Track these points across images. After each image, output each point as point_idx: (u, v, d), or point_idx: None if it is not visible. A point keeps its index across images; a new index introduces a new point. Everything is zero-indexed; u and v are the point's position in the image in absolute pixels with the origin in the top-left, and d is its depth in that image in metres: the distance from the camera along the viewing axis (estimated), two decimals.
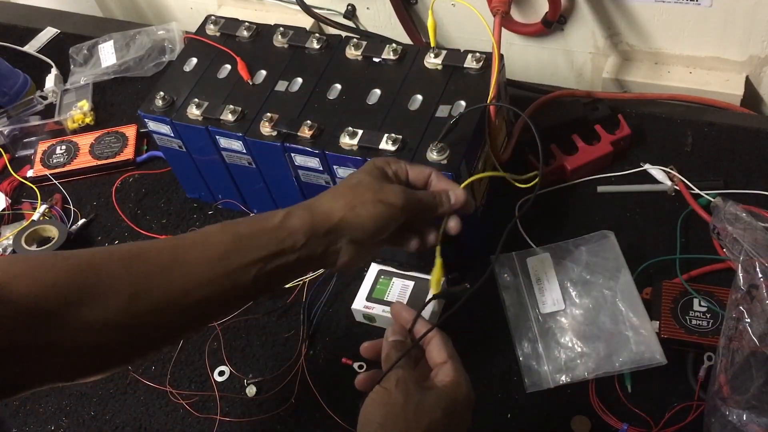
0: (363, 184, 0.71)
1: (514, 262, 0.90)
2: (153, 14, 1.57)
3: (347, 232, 0.69)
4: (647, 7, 1.06)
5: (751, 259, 0.76)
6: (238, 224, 0.69)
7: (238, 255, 0.66)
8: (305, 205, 0.70)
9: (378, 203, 0.69)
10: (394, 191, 0.71)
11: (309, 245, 0.68)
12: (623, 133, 0.99)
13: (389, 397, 0.63)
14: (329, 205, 0.70)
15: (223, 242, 0.67)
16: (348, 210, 0.69)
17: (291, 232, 0.68)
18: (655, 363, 0.78)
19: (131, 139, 1.16)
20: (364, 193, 0.70)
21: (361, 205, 0.69)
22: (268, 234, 0.67)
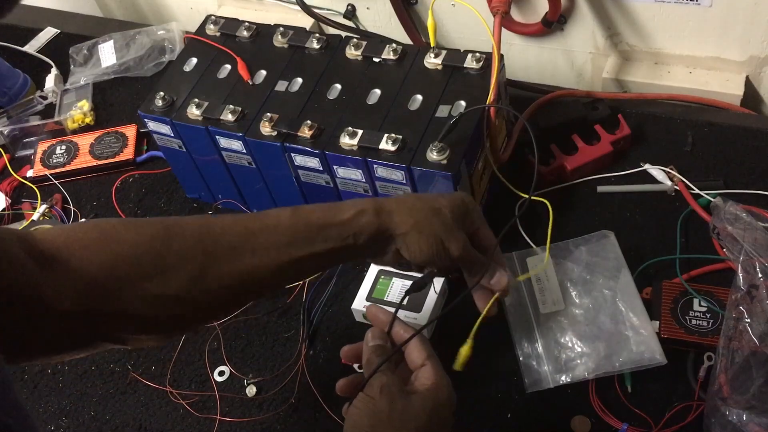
0: (440, 217, 0.71)
1: (514, 262, 0.90)
2: (153, 14, 1.57)
3: (401, 247, 0.71)
4: (647, 7, 1.06)
5: (751, 259, 0.76)
6: (309, 212, 0.70)
7: (306, 244, 0.68)
8: (379, 207, 0.70)
9: (440, 242, 0.70)
10: (458, 242, 0.71)
11: (367, 245, 0.70)
12: (623, 133, 0.99)
13: (374, 405, 0.63)
14: (397, 218, 0.70)
15: (293, 229, 0.68)
16: (413, 230, 0.70)
17: (358, 231, 0.69)
18: (655, 363, 0.78)
19: (131, 139, 1.16)
20: (436, 226, 0.70)
21: (426, 236, 0.70)
22: (337, 228, 0.69)
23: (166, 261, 0.63)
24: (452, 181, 0.81)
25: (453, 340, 0.83)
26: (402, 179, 0.84)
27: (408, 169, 0.82)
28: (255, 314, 0.94)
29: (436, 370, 0.67)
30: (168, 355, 0.92)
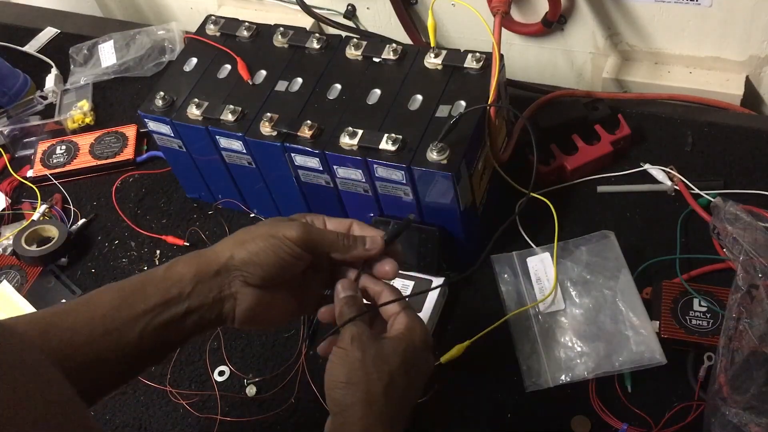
0: (258, 225, 0.67)
1: (514, 262, 0.90)
2: (153, 14, 1.57)
3: (239, 271, 0.64)
4: (647, 7, 1.06)
5: (751, 259, 0.76)
6: (124, 281, 0.65)
7: (120, 310, 0.62)
8: (193, 252, 0.66)
9: (269, 237, 0.64)
10: (289, 225, 0.65)
11: (198, 291, 0.63)
12: (623, 133, 0.99)
13: (347, 355, 0.62)
14: (217, 247, 0.66)
15: (106, 300, 0.62)
16: (237, 246, 0.64)
17: (177, 279, 0.63)
18: (655, 363, 0.78)
19: (131, 139, 1.16)
20: (257, 229, 0.66)
21: (251, 240, 0.65)
22: (153, 284, 0.63)
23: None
24: (452, 181, 0.81)
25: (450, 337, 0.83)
26: (402, 179, 0.84)
27: (408, 169, 0.82)
28: None
29: (409, 314, 0.66)
30: (169, 355, 0.92)
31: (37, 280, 1.03)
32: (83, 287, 1.02)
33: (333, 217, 0.71)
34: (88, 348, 0.60)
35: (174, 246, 1.03)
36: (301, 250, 0.65)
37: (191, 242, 1.03)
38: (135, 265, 1.03)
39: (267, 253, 0.64)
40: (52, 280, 1.03)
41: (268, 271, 0.65)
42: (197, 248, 1.01)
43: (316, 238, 0.67)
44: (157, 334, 0.62)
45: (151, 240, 1.05)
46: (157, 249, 1.04)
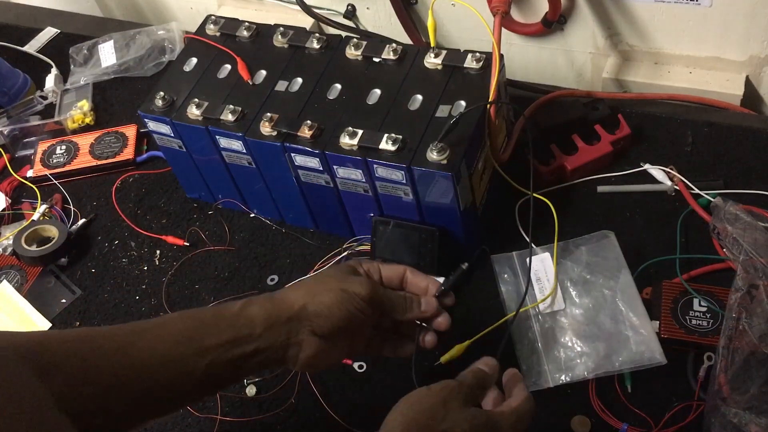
0: (328, 275, 0.71)
1: (514, 262, 0.90)
2: (153, 14, 1.57)
3: (309, 321, 0.68)
4: (647, 7, 1.06)
5: (751, 259, 0.76)
6: (197, 311, 0.69)
7: (193, 340, 0.64)
8: (267, 295, 0.70)
9: (340, 291, 0.68)
10: (359, 281, 0.69)
11: (268, 334, 0.66)
12: (623, 133, 0.99)
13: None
14: (290, 294, 0.68)
15: (180, 327, 0.65)
16: (309, 297, 0.68)
17: (249, 319, 0.66)
18: (655, 363, 0.78)
19: (131, 139, 1.16)
20: (328, 281, 0.69)
21: (323, 292, 0.68)
22: (226, 321, 0.66)
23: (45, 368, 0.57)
24: (452, 181, 0.81)
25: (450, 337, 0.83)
26: (402, 179, 0.84)
27: (408, 169, 0.82)
28: None
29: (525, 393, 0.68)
30: None
31: (37, 280, 1.03)
32: (83, 287, 1.02)
33: (387, 264, 0.75)
34: (159, 370, 0.63)
35: (174, 246, 1.03)
36: (369, 307, 0.69)
37: (191, 242, 1.03)
38: (135, 265, 1.03)
39: (338, 307, 0.68)
40: (52, 280, 1.03)
41: (336, 324, 0.68)
42: (197, 248, 1.02)
43: (381, 298, 0.71)
44: (224, 367, 0.65)
45: (151, 240, 1.05)
46: (157, 249, 1.04)
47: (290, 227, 1.02)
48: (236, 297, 0.95)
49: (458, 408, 0.63)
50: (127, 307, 0.99)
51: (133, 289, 1.00)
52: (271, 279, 0.97)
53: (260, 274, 0.98)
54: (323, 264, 0.95)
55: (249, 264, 1.00)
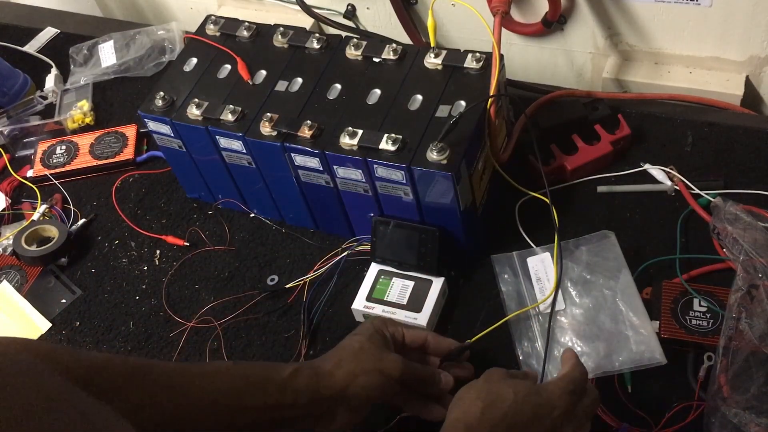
0: (365, 351, 0.74)
1: (515, 262, 0.90)
2: (153, 14, 1.57)
3: (348, 401, 0.73)
4: (647, 7, 1.06)
5: (751, 259, 0.76)
6: (247, 367, 0.74)
7: (243, 396, 0.69)
8: (313, 366, 0.74)
9: (379, 374, 0.73)
10: (393, 362, 0.74)
11: (310, 406, 0.71)
12: (623, 133, 0.99)
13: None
14: (335, 372, 0.73)
15: (228, 384, 0.70)
16: (351, 379, 0.72)
17: (295, 390, 0.71)
18: (655, 363, 0.78)
19: (131, 139, 1.16)
20: (366, 361, 0.73)
21: (363, 374, 0.73)
22: (274, 385, 0.71)
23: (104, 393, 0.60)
24: (452, 181, 0.81)
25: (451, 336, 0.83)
26: (402, 179, 0.84)
27: (408, 169, 0.82)
28: (255, 314, 0.94)
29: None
30: (168, 355, 0.92)
31: (37, 280, 1.03)
32: (83, 287, 1.02)
33: (409, 329, 0.80)
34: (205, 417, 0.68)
35: (174, 246, 1.03)
36: (399, 386, 0.75)
37: (191, 242, 1.03)
38: (135, 265, 1.03)
39: (376, 390, 0.73)
40: (52, 280, 1.03)
41: (371, 402, 0.75)
42: (197, 248, 1.02)
43: (412, 376, 0.75)
44: (263, 426, 0.71)
45: (151, 240, 1.05)
46: (157, 249, 1.04)
47: (290, 227, 1.02)
48: (236, 297, 0.95)
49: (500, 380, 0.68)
50: (127, 307, 0.99)
51: (133, 289, 1.00)
52: (271, 279, 0.97)
53: (260, 274, 0.98)
54: (323, 264, 0.96)
55: (249, 264, 1.00)
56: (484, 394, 0.67)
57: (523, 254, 0.90)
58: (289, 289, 0.95)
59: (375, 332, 0.77)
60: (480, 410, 0.65)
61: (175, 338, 0.94)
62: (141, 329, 0.96)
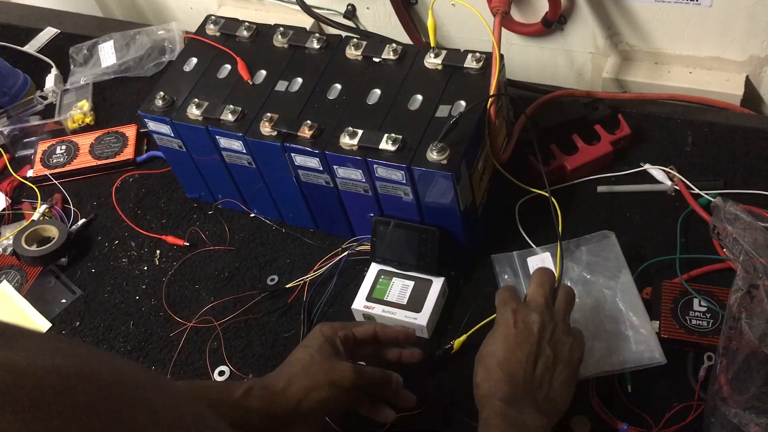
0: (315, 365, 0.74)
1: (515, 262, 0.90)
2: (153, 14, 1.57)
3: (303, 417, 0.73)
4: (647, 7, 1.06)
5: (751, 259, 0.76)
6: (202, 387, 0.75)
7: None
8: (265, 385, 0.73)
9: (330, 386, 0.73)
10: (344, 372, 0.74)
11: (264, 426, 0.71)
12: (623, 133, 0.99)
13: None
14: (287, 390, 0.73)
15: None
16: (304, 395, 0.72)
17: (248, 410, 0.71)
18: (655, 362, 0.78)
19: (131, 139, 1.16)
20: (317, 374, 0.73)
21: (315, 389, 0.73)
22: (227, 406, 0.70)
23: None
24: (452, 181, 0.81)
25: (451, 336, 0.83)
26: (402, 179, 0.84)
27: (408, 169, 0.82)
28: (255, 314, 0.94)
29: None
30: (168, 355, 0.92)
31: (37, 280, 1.03)
32: (83, 287, 1.02)
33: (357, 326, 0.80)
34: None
35: (174, 246, 1.03)
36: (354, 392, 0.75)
37: (191, 242, 1.03)
38: (135, 265, 1.03)
39: (330, 403, 0.74)
40: (52, 280, 1.03)
41: (326, 414, 0.76)
42: (197, 248, 1.02)
43: (365, 381, 0.76)
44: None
45: (151, 240, 1.05)
46: (157, 249, 1.04)
47: (290, 227, 1.02)
48: (236, 297, 0.96)
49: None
50: (127, 307, 0.99)
51: (133, 289, 1.00)
52: (271, 279, 0.97)
53: (260, 274, 0.98)
54: (323, 264, 0.96)
55: (249, 264, 1.00)
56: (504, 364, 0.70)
57: (523, 254, 0.90)
58: (289, 289, 0.95)
59: (324, 341, 0.76)
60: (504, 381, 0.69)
61: (175, 338, 0.94)
62: (141, 329, 0.96)
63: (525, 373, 0.70)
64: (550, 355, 0.71)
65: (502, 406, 0.68)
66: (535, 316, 0.73)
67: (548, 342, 0.72)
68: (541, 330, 0.72)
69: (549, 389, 0.71)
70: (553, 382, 0.71)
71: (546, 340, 0.72)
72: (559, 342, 0.72)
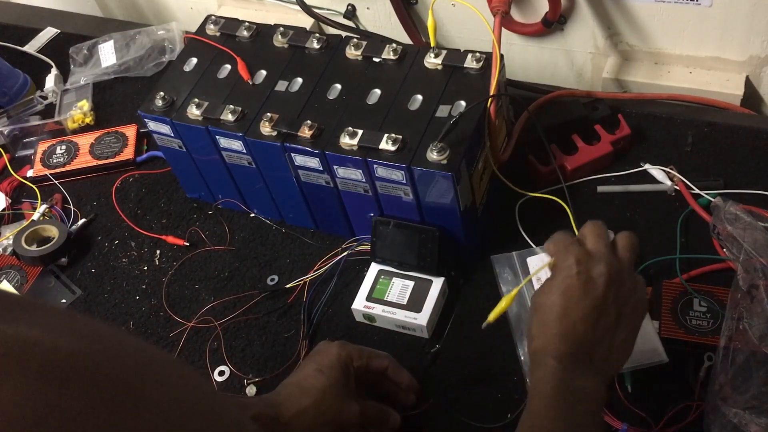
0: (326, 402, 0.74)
1: (515, 262, 0.90)
2: (153, 14, 1.57)
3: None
4: (647, 7, 1.06)
5: (751, 259, 0.76)
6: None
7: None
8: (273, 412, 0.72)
9: (335, 427, 0.74)
10: (352, 415, 0.74)
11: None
12: (623, 133, 0.99)
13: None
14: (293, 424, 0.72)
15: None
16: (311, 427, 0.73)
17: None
18: (657, 361, 0.78)
19: (131, 139, 1.16)
20: (327, 413, 0.73)
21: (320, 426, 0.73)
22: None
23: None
24: (452, 181, 0.81)
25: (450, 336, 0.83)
26: (402, 179, 0.84)
27: (408, 169, 0.82)
28: (255, 314, 0.94)
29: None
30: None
31: (37, 280, 1.03)
32: (83, 287, 1.02)
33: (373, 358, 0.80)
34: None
35: (174, 246, 1.03)
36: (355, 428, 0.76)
37: (191, 242, 1.03)
38: (135, 265, 1.03)
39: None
40: (52, 280, 1.03)
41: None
42: (197, 248, 1.02)
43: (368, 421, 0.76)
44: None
45: (151, 240, 1.05)
46: (157, 249, 1.04)
47: (290, 227, 1.02)
48: (236, 297, 0.96)
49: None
50: (127, 307, 0.99)
51: (133, 289, 1.00)
52: (271, 279, 0.97)
53: (260, 274, 0.98)
54: (323, 264, 0.95)
55: (249, 264, 1.00)
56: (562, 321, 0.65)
57: (523, 254, 0.90)
58: (289, 289, 0.95)
59: (340, 372, 0.76)
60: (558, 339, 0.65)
61: (175, 338, 0.94)
62: (141, 329, 0.96)
63: (585, 331, 0.64)
64: (614, 312, 0.65)
65: (556, 366, 0.63)
66: (602, 267, 0.65)
67: (614, 298, 0.65)
68: (607, 284, 0.65)
69: (609, 349, 0.66)
70: (614, 340, 0.66)
71: (612, 295, 0.65)
72: (624, 298, 0.66)
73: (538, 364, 0.65)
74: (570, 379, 0.63)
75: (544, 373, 0.64)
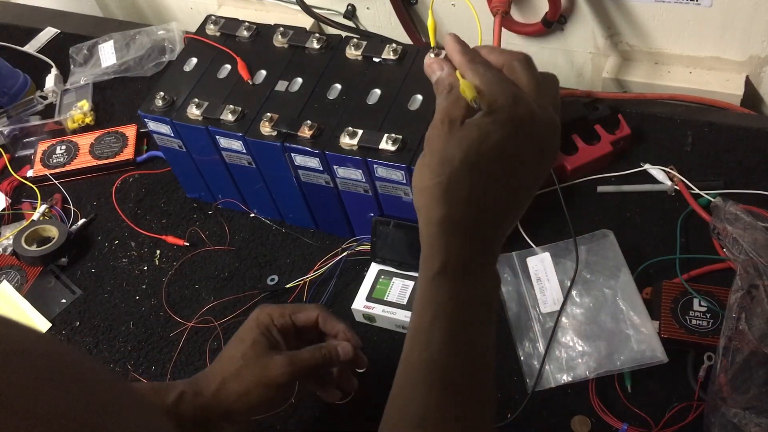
0: (248, 366, 0.71)
1: (514, 262, 0.90)
2: (153, 14, 1.57)
3: (236, 417, 0.72)
4: (647, 7, 1.06)
5: (751, 259, 0.76)
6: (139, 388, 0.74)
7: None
8: (197, 390, 0.71)
9: (263, 387, 0.71)
10: (278, 369, 0.71)
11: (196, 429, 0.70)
12: (623, 133, 0.99)
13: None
14: (219, 395, 0.71)
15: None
16: (236, 399, 0.71)
17: (180, 415, 0.69)
18: (656, 361, 0.78)
19: (131, 139, 1.16)
20: (250, 377, 0.71)
21: (246, 394, 0.71)
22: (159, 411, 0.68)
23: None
24: None
25: None
26: (402, 179, 0.84)
27: (408, 168, 0.82)
28: None
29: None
30: (168, 355, 0.92)
31: (37, 280, 1.03)
32: (83, 287, 1.02)
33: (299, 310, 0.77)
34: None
35: (174, 246, 1.03)
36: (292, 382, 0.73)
37: (191, 242, 1.03)
38: (135, 265, 1.03)
39: (263, 405, 0.72)
40: (52, 280, 1.03)
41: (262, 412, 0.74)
42: (197, 248, 1.02)
43: (304, 369, 0.73)
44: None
45: (151, 240, 1.05)
46: (157, 249, 1.04)
47: (290, 227, 1.02)
48: (236, 297, 0.96)
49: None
50: (127, 307, 0.99)
51: (133, 289, 1.00)
52: (271, 279, 0.97)
53: (260, 274, 0.98)
54: (323, 264, 0.95)
55: (249, 264, 1.00)
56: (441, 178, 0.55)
57: (523, 254, 0.90)
58: (289, 289, 0.95)
59: (259, 335, 0.73)
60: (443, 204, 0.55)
61: (175, 338, 0.94)
62: (141, 329, 0.96)
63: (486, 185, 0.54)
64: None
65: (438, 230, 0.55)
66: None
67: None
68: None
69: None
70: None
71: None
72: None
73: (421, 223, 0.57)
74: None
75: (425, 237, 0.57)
